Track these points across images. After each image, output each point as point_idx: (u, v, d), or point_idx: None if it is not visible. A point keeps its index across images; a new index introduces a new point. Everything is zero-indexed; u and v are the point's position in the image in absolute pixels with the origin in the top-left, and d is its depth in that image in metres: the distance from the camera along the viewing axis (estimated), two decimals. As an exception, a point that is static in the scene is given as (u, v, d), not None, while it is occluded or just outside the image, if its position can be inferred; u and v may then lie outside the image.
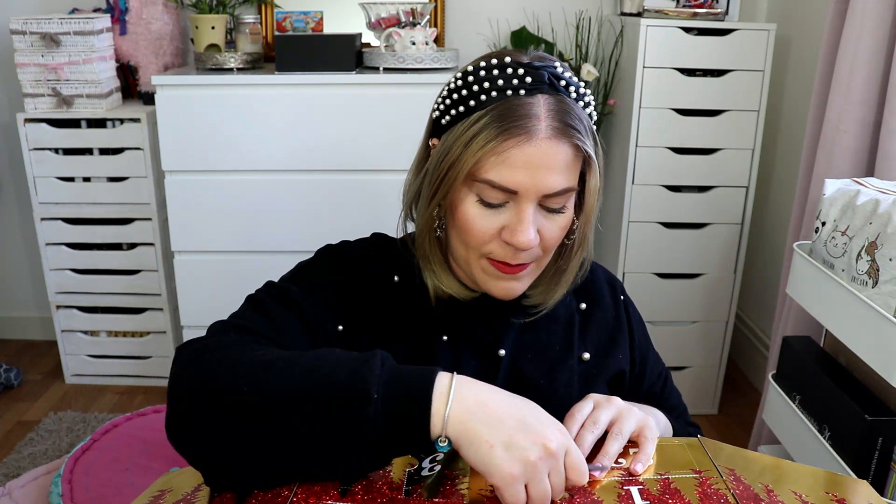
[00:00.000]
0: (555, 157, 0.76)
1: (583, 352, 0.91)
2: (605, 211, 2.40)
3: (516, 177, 0.76)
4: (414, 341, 0.87)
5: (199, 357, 0.70)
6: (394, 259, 0.90)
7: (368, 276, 0.89)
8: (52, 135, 2.14)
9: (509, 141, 0.75)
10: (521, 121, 0.75)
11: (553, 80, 0.78)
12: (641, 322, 1.01)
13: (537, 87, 0.77)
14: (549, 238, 0.81)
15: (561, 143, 0.76)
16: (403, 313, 0.88)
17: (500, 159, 0.76)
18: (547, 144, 0.76)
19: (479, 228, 0.79)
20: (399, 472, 0.68)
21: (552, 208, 0.80)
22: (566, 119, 0.77)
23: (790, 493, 0.64)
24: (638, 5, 2.15)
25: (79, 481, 1.46)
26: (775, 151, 2.34)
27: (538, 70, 0.77)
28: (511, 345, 0.89)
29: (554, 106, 0.77)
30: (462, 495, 0.65)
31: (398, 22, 2.01)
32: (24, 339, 2.68)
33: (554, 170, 0.76)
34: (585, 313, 0.94)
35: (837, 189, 1.33)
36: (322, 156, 1.93)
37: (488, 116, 0.76)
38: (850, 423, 1.19)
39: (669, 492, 0.64)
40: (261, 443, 0.64)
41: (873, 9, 1.53)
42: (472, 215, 0.79)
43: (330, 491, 0.65)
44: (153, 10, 2.20)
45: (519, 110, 0.76)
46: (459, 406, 0.64)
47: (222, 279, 2.03)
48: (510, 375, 0.88)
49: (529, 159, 0.75)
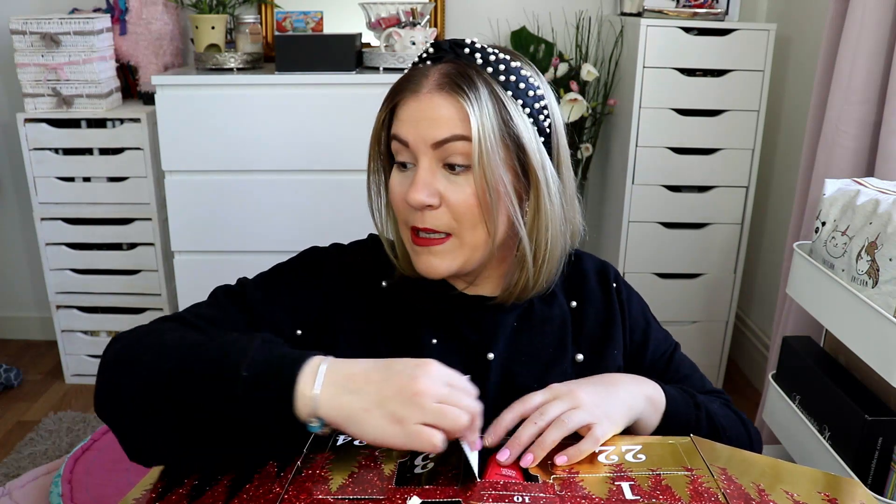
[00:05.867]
0: (438, 109, 0.78)
1: (576, 353, 0.89)
2: (606, 211, 2.40)
3: (405, 128, 0.80)
4: (400, 345, 0.86)
5: (126, 336, 0.76)
6: (383, 263, 0.90)
7: (351, 281, 0.89)
8: (52, 135, 2.14)
9: (397, 96, 0.82)
10: (411, 79, 0.81)
11: (455, 47, 0.82)
12: (640, 302, 0.98)
13: (439, 56, 0.82)
14: (455, 202, 0.79)
15: (442, 96, 0.79)
16: (389, 317, 0.87)
17: (395, 115, 0.82)
18: (428, 98, 0.79)
19: (396, 194, 0.83)
20: (391, 465, 0.68)
21: (452, 164, 0.79)
22: (455, 78, 0.79)
23: (782, 493, 0.64)
24: (638, 5, 2.15)
25: (79, 481, 1.45)
26: (775, 151, 2.34)
27: (440, 42, 0.84)
28: (503, 348, 0.87)
29: (448, 69, 0.80)
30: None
31: (398, 22, 2.01)
32: (24, 339, 2.68)
33: (437, 120, 0.78)
34: (577, 312, 0.92)
35: (837, 189, 1.33)
36: (322, 156, 1.93)
37: (396, 84, 0.84)
38: (850, 423, 1.19)
39: (660, 488, 0.64)
40: (163, 417, 0.68)
41: (873, 9, 1.53)
42: (392, 182, 0.84)
43: (321, 486, 0.65)
44: (153, 10, 2.20)
45: (412, 75, 0.82)
46: (330, 386, 0.65)
47: (222, 279, 2.02)
48: (501, 380, 0.86)
49: (413, 112, 0.80)
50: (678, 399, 0.85)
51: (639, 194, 2.14)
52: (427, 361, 0.68)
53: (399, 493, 0.63)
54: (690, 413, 0.84)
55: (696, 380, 0.96)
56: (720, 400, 0.93)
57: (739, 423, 0.91)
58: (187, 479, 0.68)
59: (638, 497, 0.63)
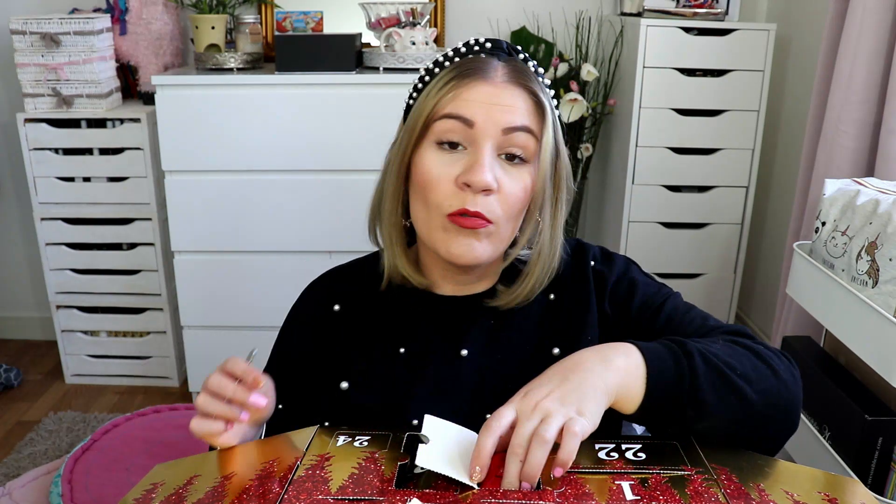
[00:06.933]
0: (511, 97, 0.78)
1: (553, 347, 0.86)
2: (606, 211, 2.40)
3: (472, 108, 0.78)
4: (378, 356, 0.87)
5: None
6: (369, 276, 0.91)
7: (325, 310, 0.91)
8: (52, 135, 2.14)
9: (465, 80, 0.79)
10: (479, 65, 0.80)
11: (511, 49, 0.83)
12: (623, 264, 0.91)
13: (495, 52, 0.82)
14: (508, 192, 0.79)
15: (518, 88, 0.79)
16: (368, 330, 0.89)
17: (456, 95, 0.78)
18: (503, 86, 0.79)
19: (436, 175, 0.79)
20: (390, 467, 0.68)
21: (512, 154, 0.79)
22: (523, 73, 0.80)
23: (782, 492, 0.64)
24: (638, 5, 2.15)
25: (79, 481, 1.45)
26: (775, 151, 2.34)
27: (497, 40, 0.84)
28: (478, 345, 0.86)
29: (516, 65, 0.81)
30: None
31: (398, 22, 2.01)
32: (24, 339, 2.68)
33: (511, 108, 0.78)
34: (555, 304, 0.89)
35: (837, 189, 1.33)
36: (322, 156, 1.93)
37: (447, 70, 0.81)
38: (850, 423, 1.19)
39: (660, 488, 0.64)
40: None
41: (873, 9, 1.53)
42: (431, 162, 0.80)
43: (321, 487, 0.65)
44: (153, 10, 2.20)
45: (477, 62, 0.80)
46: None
47: (222, 279, 2.03)
48: (476, 377, 0.85)
49: (485, 96, 0.78)
50: (661, 353, 0.72)
51: (639, 194, 2.14)
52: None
53: (399, 495, 0.63)
54: (681, 363, 0.71)
55: (694, 319, 0.84)
56: (727, 337, 0.79)
57: (752, 356, 0.75)
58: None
59: (638, 497, 0.63)
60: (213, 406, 0.75)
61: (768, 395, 0.72)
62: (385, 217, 0.87)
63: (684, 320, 0.84)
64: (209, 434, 0.74)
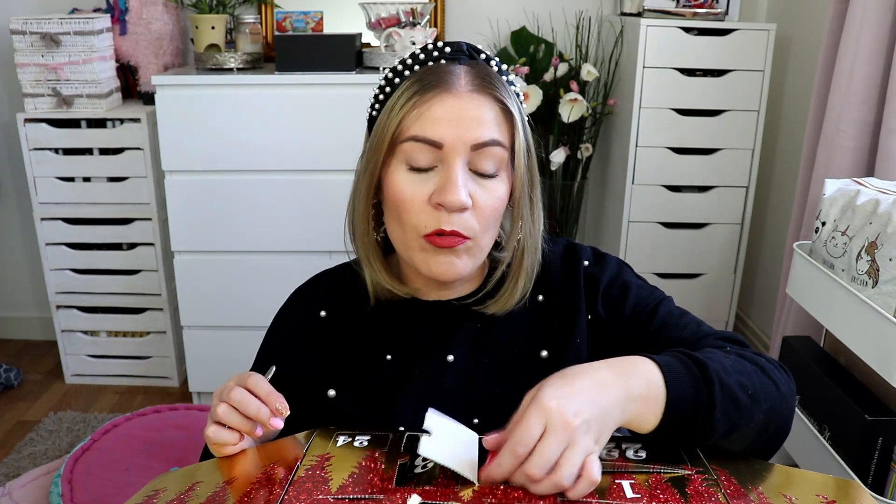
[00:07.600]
0: (478, 109, 0.75)
1: (541, 350, 0.85)
2: (606, 211, 2.40)
3: (439, 128, 0.75)
4: (365, 363, 0.86)
5: None
6: (356, 282, 0.89)
7: (312, 316, 0.90)
8: (52, 135, 2.14)
9: (428, 94, 0.75)
10: (441, 76, 0.76)
11: (472, 51, 0.80)
12: (616, 267, 0.89)
13: (457, 56, 0.79)
14: (483, 206, 0.77)
15: (483, 97, 0.76)
16: (355, 337, 0.88)
17: (421, 113, 0.75)
18: (469, 97, 0.75)
19: (409, 197, 0.77)
20: (390, 466, 0.68)
21: (483, 173, 0.77)
22: (487, 79, 0.77)
23: (780, 495, 0.64)
24: (638, 5, 2.15)
25: (79, 481, 1.46)
26: (775, 151, 2.34)
27: (457, 42, 0.80)
28: (465, 350, 0.85)
29: (478, 70, 0.78)
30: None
31: (398, 22, 2.01)
32: (24, 339, 2.68)
33: (479, 121, 0.75)
34: (543, 305, 0.87)
35: (837, 189, 1.33)
36: (322, 156, 1.93)
37: (409, 82, 0.77)
38: (850, 423, 1.19)
39: (661, 487, 0.64)
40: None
41: (873, 9, 1.54)
42: (402, 183, 0.78)
43: (321, 487, 0.65)
44: (153, 10, 2.20)
45: (439, 72, 0.77)
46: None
47: (222, 279, 2.03)
48: (463, 383, 0.84)
49: (451, 111, 0.75)
50: (682, 380, 0.68)
51: (639, 194, 2.14)
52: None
53: (399, 494, 0.63)
54: (700, 395, 0.68)
55: (688, 325, 0.82)
56: (734, 348, 0.77)
57: (759, 371, 0.73)
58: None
59: (638, 495, 0.63)
60: (233, 418, 0.74)
61: (771, 412, 0.72)
62: (359, 236, 0.85)
63: (678, 325, 0.83)
64: (224, 443, 0.74)
